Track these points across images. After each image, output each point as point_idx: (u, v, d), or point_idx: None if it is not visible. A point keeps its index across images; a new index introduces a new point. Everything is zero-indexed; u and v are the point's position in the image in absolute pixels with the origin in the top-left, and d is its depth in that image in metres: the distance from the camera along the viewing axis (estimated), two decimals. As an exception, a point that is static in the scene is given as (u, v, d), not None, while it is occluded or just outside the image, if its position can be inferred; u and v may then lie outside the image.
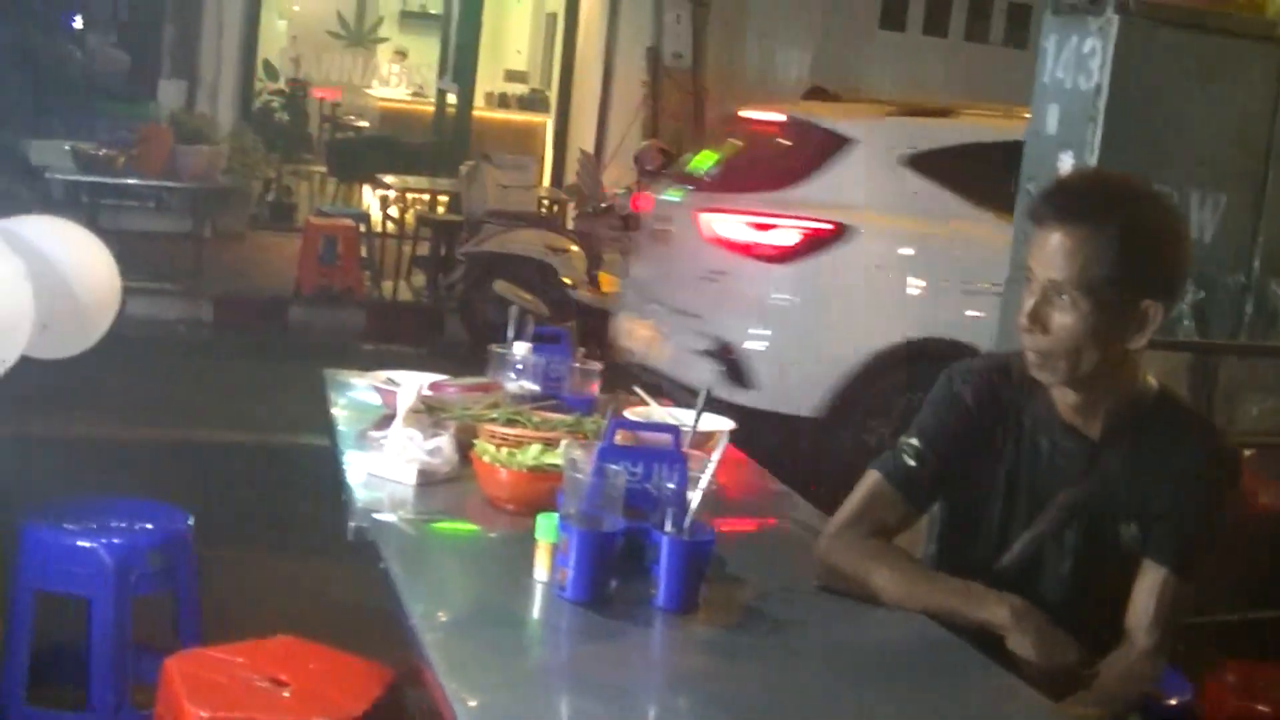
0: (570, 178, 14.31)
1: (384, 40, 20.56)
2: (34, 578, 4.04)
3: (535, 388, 3.65)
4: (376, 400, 3.78)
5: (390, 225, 12.87)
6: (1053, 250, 2.64)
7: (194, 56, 14.23)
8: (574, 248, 10.52)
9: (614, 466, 2.62)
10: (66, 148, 10.92)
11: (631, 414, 3.58)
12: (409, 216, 12.93)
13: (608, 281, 11.01)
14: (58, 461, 6.46)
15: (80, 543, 4.00)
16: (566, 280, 10.30)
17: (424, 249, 12.23)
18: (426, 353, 9.85)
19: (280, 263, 12.19)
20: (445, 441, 3.23)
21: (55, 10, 14.92)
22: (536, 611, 2.61)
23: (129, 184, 11.28)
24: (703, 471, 2.69)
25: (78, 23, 15.29)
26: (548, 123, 16.84)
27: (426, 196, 13.04)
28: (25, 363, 3.91)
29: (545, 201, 12.42)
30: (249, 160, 13.02)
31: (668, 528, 2.56)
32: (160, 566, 4.11)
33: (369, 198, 14.74)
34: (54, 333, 3.98)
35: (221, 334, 10.53)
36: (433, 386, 3.55)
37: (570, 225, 12.20)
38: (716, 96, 14.44)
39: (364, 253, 11.75)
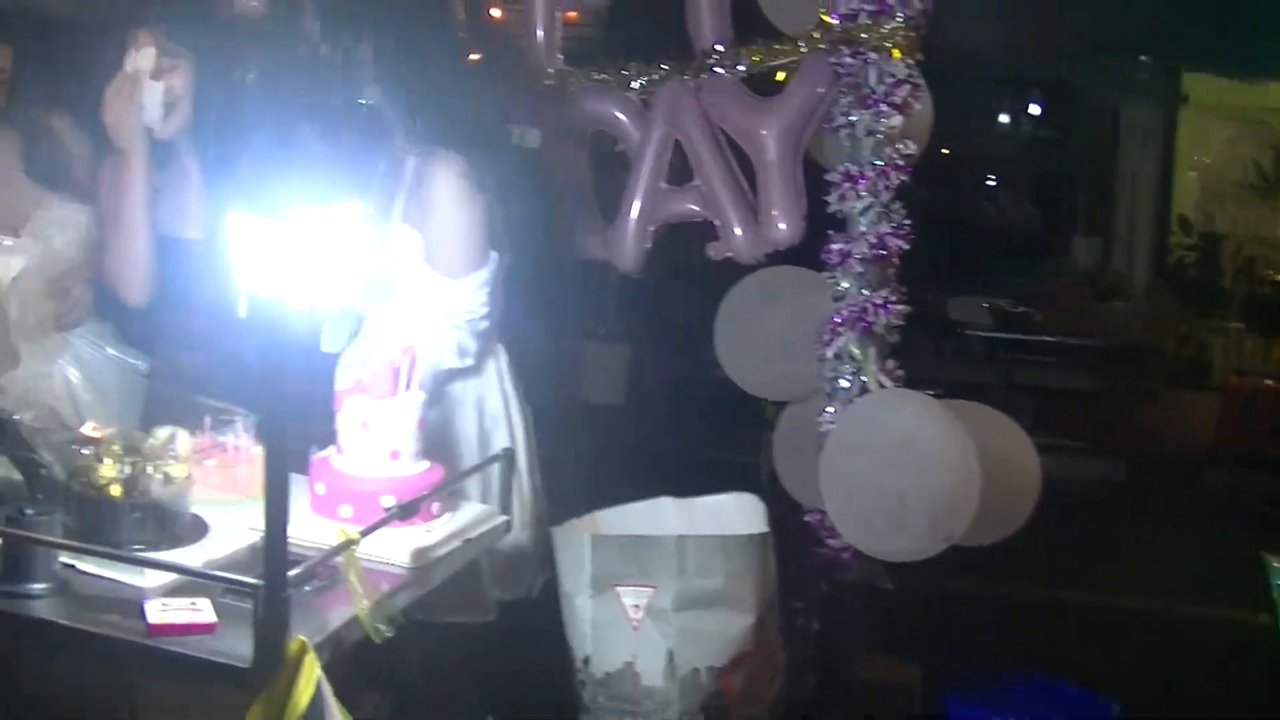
0: None
1: (1314, 188, 19.70)
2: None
3: None
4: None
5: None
6: None
7: (1108, 213, 14.29)
8: None
9: None
10: (983, 305, 11.17)
11: None
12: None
13: None
14: (983, 626, 6.51)
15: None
16: None
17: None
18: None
19: (1194, 422, 11.81)
20: None
21: (972, 170, 15.46)
22: None
23: (1044, 341, 11.38)
24: None
25: (993, 181, 15.78)
26: None
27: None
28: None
29: None
30: (1164, 318, 12.82)
31: None
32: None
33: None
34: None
35: (1134, 495, 10.32)
36: None
37: None
38: None
39: (1293, 413, 11.20)
